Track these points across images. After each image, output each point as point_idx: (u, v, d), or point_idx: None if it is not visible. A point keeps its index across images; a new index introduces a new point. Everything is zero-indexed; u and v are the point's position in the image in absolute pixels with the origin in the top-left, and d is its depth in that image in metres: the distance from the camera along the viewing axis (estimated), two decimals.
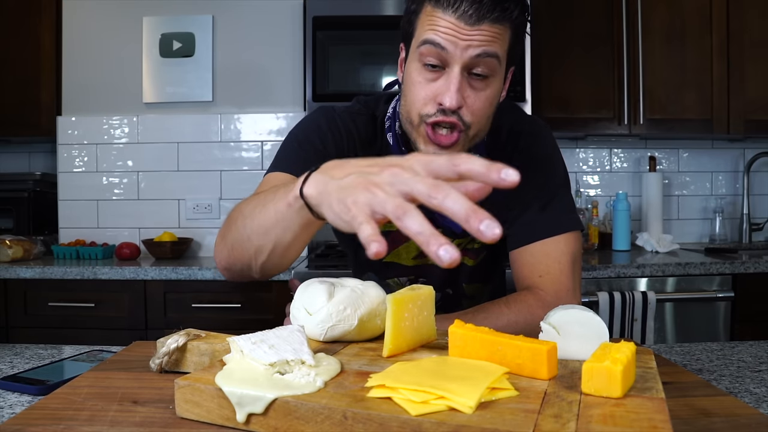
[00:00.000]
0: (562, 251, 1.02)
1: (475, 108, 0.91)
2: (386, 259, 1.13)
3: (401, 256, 1.13)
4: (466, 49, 0.87)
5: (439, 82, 0.90)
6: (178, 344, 0.74)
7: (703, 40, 2.50)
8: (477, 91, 0.91)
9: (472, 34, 0.87)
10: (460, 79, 0.88)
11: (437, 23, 0.88)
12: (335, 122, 1.05)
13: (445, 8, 0.87)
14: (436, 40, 0.88)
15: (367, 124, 1.07)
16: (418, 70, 0.92)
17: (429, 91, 0.91)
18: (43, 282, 2.19)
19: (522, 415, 0.51)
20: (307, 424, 0.54)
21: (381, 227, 1.11)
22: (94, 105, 2.67)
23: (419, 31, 0.91)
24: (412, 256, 1.12)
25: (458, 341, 0.67)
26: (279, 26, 2.67)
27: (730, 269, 2.16)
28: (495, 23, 0.87)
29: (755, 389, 0.76)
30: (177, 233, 2.59)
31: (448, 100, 0.88)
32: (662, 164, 2.88)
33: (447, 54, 0.88)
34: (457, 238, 1.11)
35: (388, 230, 1.11)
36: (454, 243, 1.10)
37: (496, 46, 0.89)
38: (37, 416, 0.60)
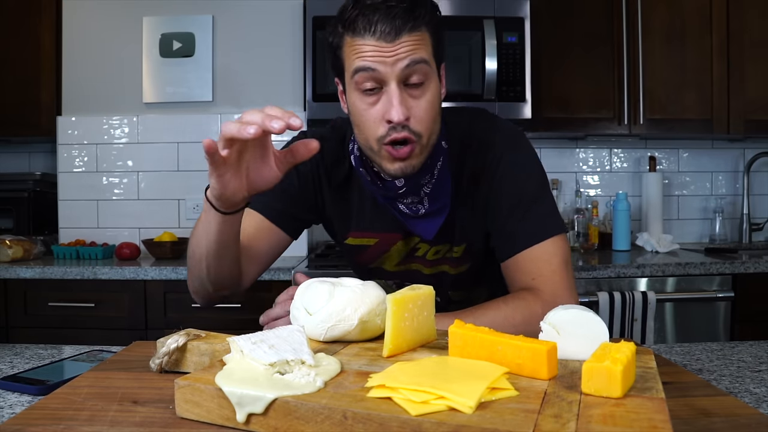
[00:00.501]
0: (551, 254, 1.03)
1: (421, 116, 0.95)
2: (372, 265, 1.17)
3: (385, 263, 1.16)
4: (395, 64, 0.92)
5: (381, 102, 0.95)
6: (178, 344, 0.74)
7: (703, 40, 2.50)
8: (417, 99, 0.95)
9: (395, 49, 0.91)
10: (399, 92, 0.93)
11: (361, 50, 0.93)
12: None
13: (363, 35, 0.92)
14: (366, 66, 0.93)
15: (335, 147, 1.12)
16: (359, 98, 0.96)
17: (375, 114, 0.95)
18: (43, 282, 2.19)
19: (522, 415, 0.51)
20: (307, 424, 0.54)
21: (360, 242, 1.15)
22: (94, 105, 2.67)
23: (348, 63, 0.96)
24: (395, 263, 1.16)
25: (458, 341, 0.67)
26: (279, 26, 2.67)
27: (730, 269, 2.16)
28: (413, 32, 0.92)
29: (755, 389, 0.76)
30: (177, 233, 2.58)
31: (395, 114, 0.93)
32: (662, 164, 2.88)
33: (380, 75, 0.93)
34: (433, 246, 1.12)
35: (366, 245, 1.13)
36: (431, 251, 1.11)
37: (422, 52, 0.93)
38: (37, 416, 0.60)
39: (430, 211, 1.06)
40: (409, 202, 1.06)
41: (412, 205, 1.06)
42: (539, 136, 2.72)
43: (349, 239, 1.15)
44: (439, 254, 1.13)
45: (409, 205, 1.06)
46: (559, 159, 2.83)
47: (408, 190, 1.03)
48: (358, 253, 1.16)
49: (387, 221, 1.10)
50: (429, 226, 1.07)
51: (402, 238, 1.12)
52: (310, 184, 1.13)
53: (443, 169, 1.05)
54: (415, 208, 1.06)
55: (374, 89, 0.94)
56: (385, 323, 0.70)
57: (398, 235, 1.12)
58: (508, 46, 2.33)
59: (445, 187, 1.06)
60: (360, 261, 1.18)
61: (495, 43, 2.30)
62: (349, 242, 1.16)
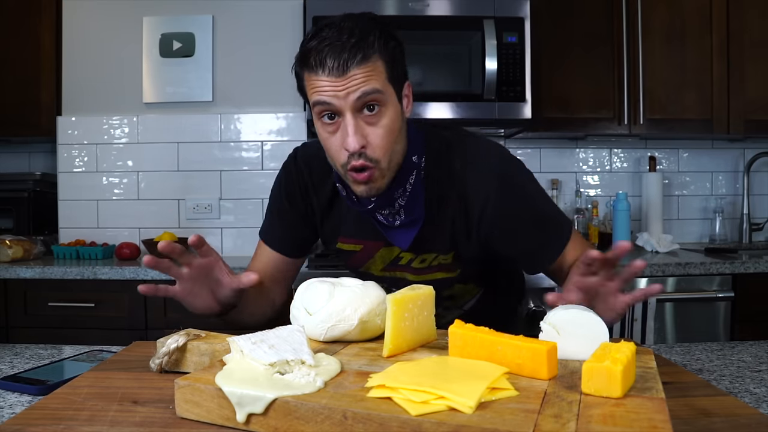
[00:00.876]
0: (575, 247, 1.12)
1: (377, 143, 0.99)
2: (361, 269, 1.23)
3: (371, 268, 1.21)
4: (346, 97, 0.96)
5: (340, 131, 1.00)
6: (178, 344, 0.74)
7: (703, 40, 2.50)
8: (374, 125, 0.99)
9: (346, 82, 0.96)
10: (354, 122, 0.97)
11: (317, 85, 0.98)
12: (291, 175, 1.20)
13: (315, 70, 0.97)
14: (321, 100, 0.98)
15: (323, 163, 1.14)
16: (321, 127, 1.02)
17: (335, 142, 1.01)
18: (43, 282, 2.19)
19: (522, 415, 0.51)
20: (307, 424, 0.54)
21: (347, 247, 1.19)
22: (94, 105, 2.67)
23: (309, 95, 1.01)
24: (380, 268, 1.20)
25: (458, 341, 0.67)
26: (279, 26, 2.67)
27: (730, 269, 2.16)
28: (362, 63, 0.96)
29: (755, 389, 0.76)
30: (177, 233, 2.58)
31: (351, 143, 0.97)
32: (662, 164, 2.88)
33: (335, 107, 0.97)
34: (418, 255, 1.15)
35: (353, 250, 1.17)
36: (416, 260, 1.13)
37: (373, 82, 0.97)
38: (37, 416, 0.60)
39: (405, 222, 1.10)
40: (387, 213, 1.10)
41: (389, 216, 1.10)
42: (539, 136, 2.72)
43: (339, 244, 1.21)
44: (426, 263, 1.16)
45: (386, 216, 1.10)
46: (559, 159, 2.83)
47: (378, 205, 1.07)
48: (348, 257, 1.23)
49: (369, 230, 1.15)
50: (404, 236, 1.11)
51: (384, 246, 1.16)
52: (299, 202, 1.20)
53: (417, 182, 1.08)
54: (391, 219, 1.10)
55: (333, 117, 0.99)
56: (385, 323, 0.70)
57: (380, 243, 1.16)
58: (508, 46, 2.33)
59: (419, 200, 1.09)
60: (350, 264, 1.24)
61: (495, 43, 2.29)
62: (339, 246, 1.22)
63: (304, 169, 1.19)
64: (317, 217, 1.21)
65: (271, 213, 1.25)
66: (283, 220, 1.22)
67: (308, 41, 0.99)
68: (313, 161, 1.18)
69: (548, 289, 2.09)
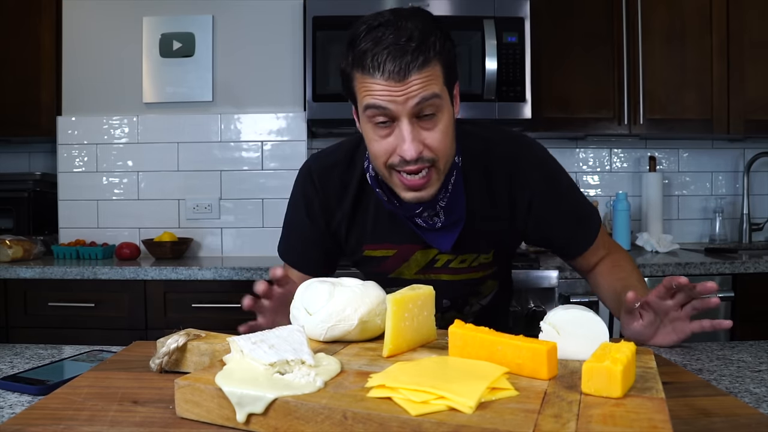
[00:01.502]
0: (604, 232, 1.21)
1: (435, 145, 0.96)
2: (391, 275, 1.18)
3: (404, 273, 1.18)
4: (405, 103, 0.92)
5: (394, 135, 0.96)
6: (178, 344, 0.74)
7: (703, 41, 2.50)
8: (430, 130, 0.96)
9: (405, 88, 0.91)
10: (411, 129, 0.94)
11: (371, 88, 0.93)
12: (308, 192, 1.16)
13: (372, 74, 0.92)
14: (376, 104, 0.93)
15: (343, 173, 1.14)
16: (371, 129, 0.97)
17: (387, 145, 0.97)
18: (43, 282, 2.19)
19: (522, 415, 0.51)
20: (307, 424, 0.54)
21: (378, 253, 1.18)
22: (94, 105, 2.67)
23: (359, 97, 0.96)
24: (414, 271, 1.17)
25: (458, 341, 0.67)
26: (279, 26, 2.67)
27: (730, 269, 2.16)
28: (423, 68, 0.91)
29: (755, 389, 0.76)
30: (177, 233, 2.58)
31: (408, 152, 0.94)
32: (662, 164, 2.88)
33: (391, 112, 0.93)
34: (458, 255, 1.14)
35: (385, 256, 1.14)
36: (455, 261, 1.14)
37: (433, 86, 0.93)
38: (37, 416, 0.60)
39: (446, 224, 1.08)
40: (426, 216, 1.07)
41: (429, 219, 1.08)
42: (539, 136, 2.71)
43: (367, 251, 1.17)
44: (466, 263, 1.16)
45: (425, 219, 1.08)
46: (559, 159, 2.74)
47: (425, 208, 1.05)
48: (378, 264, 1.18)
49: (405, 233, 1.12)
50: (446, 238, 1.10)
51: (420, 249, 1.14)
52: (319, 217, 1.16)
53: (457, 183, 1.08)
54: (431, 221, 1.08)
55: (386, 122, 0.95)
56: (385, 323, 0.70)
57: (417, 246, 1.14)
58: (508, 46, 2.33)
59: (460, 201, 1.08)
60: (378, 271, 1.19)
61: (495, 43, 2.29)
62: (368, 254, 1.17)
63: (323, 186, 1.15)
64: (342, 230, 1.17)
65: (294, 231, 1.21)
66: (305, 239, 1.19)
67: (361, 40, 0.92)
68: (331, 174, 1.15)
69: (548, 290, 2.09)
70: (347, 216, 1.15)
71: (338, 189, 1.14)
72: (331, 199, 1.15)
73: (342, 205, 1.15)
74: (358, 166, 1.14)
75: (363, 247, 1.16)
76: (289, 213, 1.22)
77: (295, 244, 1.21)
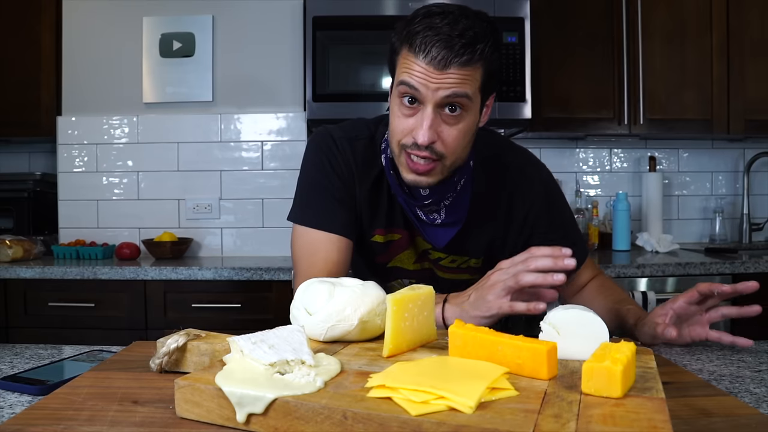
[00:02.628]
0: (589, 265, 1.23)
1: (449, 141, 0.98)
2: (390, 264, 1.18)
3: (403, 261, 1.18)
4: (436, 91, 0.94)
5: (416, 117, 0.98)
6: (178, 344, 0.74)
7: (703, 40, 2.50)
8: (450, 125, 0.98)
9: (441, 78, 0.94)
10: (432, 117, 0.96)
11: (411, 67, 0.95)
12: (334, 155, 1.12)
13: (417, 53, 0.94)
14: (409, 82, 0.96)
15: (366, 147, 1.13)
16: (398, 104, 0.99)
17: (407, 124, 0.99)
18: (43, 282, 2.19)
19: (522, 415, 0.51)
20: (307, 424, 0.54)
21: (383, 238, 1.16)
22: (94, 105, 2.67)
23: (398, 71, 0.99)
24: (413, 261, 1.17)
25: (458, 341, 0.67)
26: (279, 26, 2.67)
27: (730, 269, 2.16)
28: (464, 66, 0.94)
29: (755, 389, 0.76)
30: (177, 233, 2.58)
31: (421, 137, 0.96)
32: (662, 164, 2.88)
33: (420, 95, 0.96)
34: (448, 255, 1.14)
35: (390, 240, 1.13)
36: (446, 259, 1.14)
37: (466, 87, 0.95)
38: (37, 416, 0.60)
39: (445, 222, 1.10)
40: (428, 210, 1.09)
41: (430, 214, 1.09)
42: (539, 136, 2.72)
43: (376, 237, 1.16)
44: (455, 263, 1.17)
45: (427, 213, 1.09)
46: (559, 159, 2.83)
47: (432, 202, 1.07)
48: (383, 251, 1.17)
49: (408, 221, 1.14)
50: (442, 235, 1.11)
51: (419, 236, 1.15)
52: (348, 183, 1.12)
53: (465, 185, 1.10)
54: (432, 216, 1.10)
55: (413, 102, 0.97)
56: (385, 323, 0.70)
57: (417, 232, 1.15)
58: (508, 46, 2.33)
59: (464, 203, 1.10)
60: (381, 260, 1.19)
61: None
62: (376, 239, 1.16)
63: (348, 152, 1.11)
64: (357, 206, 1.13)
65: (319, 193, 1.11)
66: (338, 201, 1.10)
67: (419, 21, 0.95)
68: (357, 144, 1.12)
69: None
70: (365, 197, 1.12)
71: (364, 164, 1.12)
72: (356, 170, 1.11)
73: (363, 183, 1.12)
74: (378, 146, 1.13)
75: (374, 231, 1.15)
76: (310, 174, 1.13)
77: (320, 203, 1.11)
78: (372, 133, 1.15)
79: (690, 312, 0.97)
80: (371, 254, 1.18)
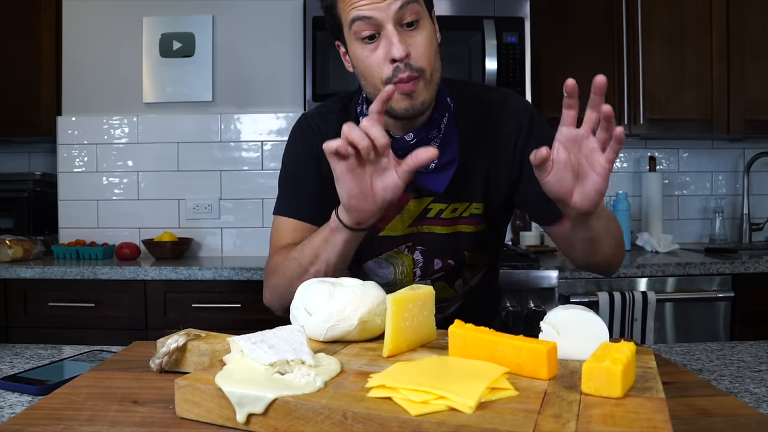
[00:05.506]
0: None
1: (420, 52, 1.00)
2: (382, 233, 1.16)
3: (396, 228, 1.16)
4: (388, 7, 0.97)
5: (381, 45, 1.00)
6: (178, 344, 0.74)
7: (703, 41, 2.50)
8: (414, 37, 1.00)
9: None
10: (397, 32, 0.98)
11: (354, 3, 0.97)
12: (305, 133, 1.17)
13: None
14: (361, 15, 0.97)
15: (338, 117, 1.14)
16: (359, 47, 1.01)
17: (377, 57, 1.00)
18: (43, 282, 2.19)
19: (522, 415, 0.51)
20: (307, 424, 0.54)
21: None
22: (94, 105, 2.67)
23: (344, 16, 1.01)
24: (407, 224, 1.16)
25: (458, 341, 0.67)
26: (279, 26, 2.67)
27: (730, 269, 2.16)
28: None
29: (755, 389, 0.76)
30: (177, 233, 2.58)
31: (396, 51, 0.97)
32: (662, 164, 2.88)
33: (376, 20, 0.97)
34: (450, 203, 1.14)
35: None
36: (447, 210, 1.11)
37: None
38: (37, 416, 0.60)
39: (439, 165, 1.09)
40: None
41: None
42: None
43: None
44: (457, 212, 1.15)
45: None
46: None
47: (418, 143, 1.06)
48: None
49: None
50: (440, 179, 1.10)
51: (414, 198, 1.14)
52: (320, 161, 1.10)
53: (449, 125, 1.10)
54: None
55: (373, 36, 0.99)
56: (385, 323, 0.70)
57: (410, 195, 1.13)
58: (508, 46, 2.33)
59: (453, 142, 1.10)
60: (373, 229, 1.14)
61: (495, 43, 2.29)
62: None
63: (319, 129, 1.15)
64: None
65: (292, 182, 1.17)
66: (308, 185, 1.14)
67: None
68: (326, 119, 1.16)
69: (548, 290, 2.09)
70: None
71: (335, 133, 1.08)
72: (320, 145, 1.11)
73: None
74: (352, 114, 1.15)
75: None
76: (285, 165, 1.19)
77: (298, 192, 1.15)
78: (345, 104, 1.18)
79: (577, 137, 0.90)
80: None
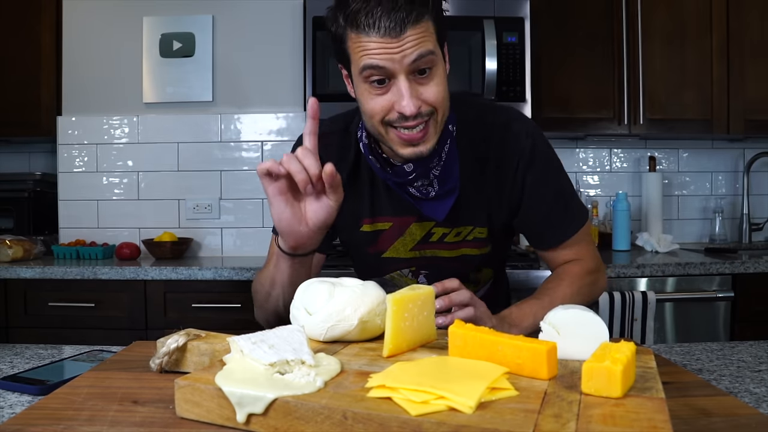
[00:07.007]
0: (586, 233, 1.16)
1: (432, 98, 0.96)
2: (385, 254, 1.16)
3: (399, 250, 1.16)
4: (402, 60, 0.92)
5: (391, 92, 0.95)
6: (178, 344, 0.74)
7: (703, 41, 2.50)
8: (426, 85, 0.96)
9: (400, 45, 0.91)
10: (408, 85, 0.94)
11: (367, 47, 0.92)
12: None
13: (367, 32, 0.91)
14: (373, 64, 0.92)
15: (342, 140, 1.13)
16: (367, 90, 0.97)
17: (384, 102, 0.96)
18: (43, 282, 2.19)
19: (522, 415, 0.51)
20: (307, 424, 0.54)
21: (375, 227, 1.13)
22: (94, 105, 2.67)
23: (354, 58, 0.95)
24: (410, 247, 1.15)
25: (458, 341, 0.67)
26: (279, 26, 2.67)
27: (730, 269, 2.16)
28: (417, 23, 0.91)
29: (755, 389, 0.76)
30: (177, 233, 2.58)
31: (407, 108, 0.93)
32: (662, 164, 2.88)
33: (388, 71, 0.93)
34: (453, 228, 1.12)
35: (381, 229, 1.12)
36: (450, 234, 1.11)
37: (427, 43, 0.93)
38: (37, 416, 0.60)
39: (440, 193, 1.08)
40: (420, 185, 1.07)
41: (423, 188, 1.07)
42: None
43: (364, 227, 1.15)
44: (461, 236, 1.14)
45: (419, 188, 1.07)
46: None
47: (418, 175, 1.05)
48: (373, 241, 1.16)
49: (401, 205, 1.12)
50: (440, 207, 1.09)
51: (416, 221, 1.13)
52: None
53: (451, 152, 1.07)
54: (425, 190, 1.08)
55: (383, 80, 0.95)
56: (385, 323, 0.70)
57: (412, 218, 1.13)
58: (508, 46, 2.33)
59: (454, 170, 1.08)
60: (374, 250, 1.17)
61: (495, 43, 2.29)
62: (364, 230, 1.15)
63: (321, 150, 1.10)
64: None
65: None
66: None
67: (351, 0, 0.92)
68: (328, 140, 1.10)
69: None
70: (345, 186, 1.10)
71: (336, 156, 1.10)
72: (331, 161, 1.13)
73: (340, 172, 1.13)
74: (353, 136, 1.13)
75: (361, 221, 1.14)
76: None
77: None
78: (347, 124, 1.15)
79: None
80: (363, 245, 1.18)
